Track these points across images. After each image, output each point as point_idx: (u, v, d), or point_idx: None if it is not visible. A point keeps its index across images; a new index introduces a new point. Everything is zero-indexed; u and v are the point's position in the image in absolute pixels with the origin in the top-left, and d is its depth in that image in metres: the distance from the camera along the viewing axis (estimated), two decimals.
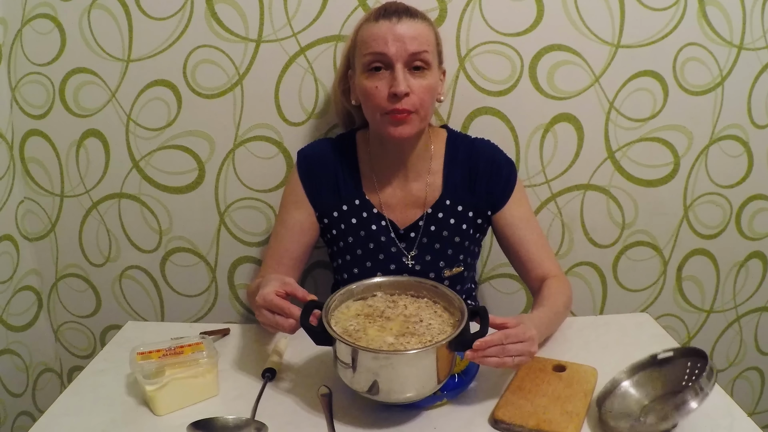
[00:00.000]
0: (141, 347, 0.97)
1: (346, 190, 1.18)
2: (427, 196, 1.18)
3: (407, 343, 0.90)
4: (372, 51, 1.05)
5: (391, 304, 1.00)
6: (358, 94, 1.13)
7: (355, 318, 0.96)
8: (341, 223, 1.18)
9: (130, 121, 1.39)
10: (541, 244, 1.20)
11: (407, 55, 1.04)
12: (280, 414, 0.91)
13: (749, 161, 1.45)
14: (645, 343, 1.02)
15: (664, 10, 1.32)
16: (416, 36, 1.05)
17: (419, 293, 1.02)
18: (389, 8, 1.08)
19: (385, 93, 1.05)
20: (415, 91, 1.05)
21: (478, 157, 1.18)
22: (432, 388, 0.89)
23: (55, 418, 0.92)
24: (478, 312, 0.91)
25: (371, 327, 0.94)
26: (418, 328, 0.93)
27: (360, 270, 1.18)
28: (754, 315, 1.59)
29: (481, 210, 1.19)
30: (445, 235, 1.17)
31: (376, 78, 1.06)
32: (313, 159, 1.20)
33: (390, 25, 1.04)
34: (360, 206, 1.18)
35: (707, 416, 0.89)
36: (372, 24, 1.07)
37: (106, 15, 1.32)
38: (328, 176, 1.19)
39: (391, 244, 1.17)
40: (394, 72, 1.04)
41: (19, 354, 1.48)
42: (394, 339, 0.91)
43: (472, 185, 1.18)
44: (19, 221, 1.46)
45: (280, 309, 0.93)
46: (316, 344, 0.91)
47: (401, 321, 0.95)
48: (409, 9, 1.08)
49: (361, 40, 1.08)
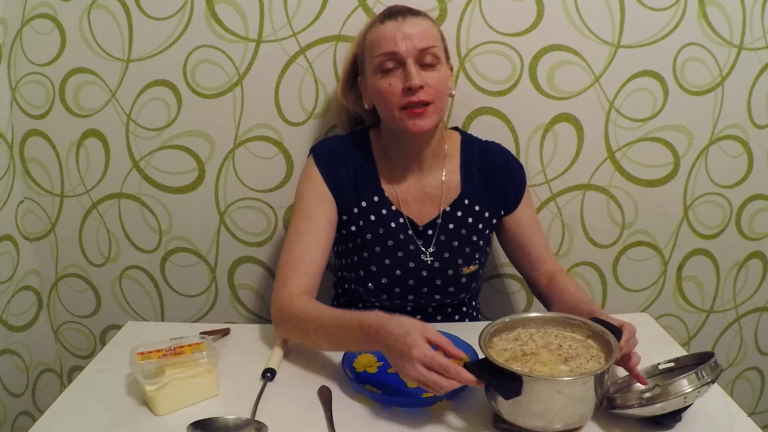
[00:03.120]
0: (141, 347, 0.97)
1: (365, 186, 1.18)
2: (443, 194, 1.19)
3: (577, 367, 0.86)
4: (382, 52, 1.07)
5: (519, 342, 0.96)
6: (371, 97, 1.13)
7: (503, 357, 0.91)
8: (360, 220, 1.18)
9: (130, 121, 1.39)
10: (546, 241, 1.27)
11: (417, 51, 1.06)
12: (280, 414, 0.91)
13: (749, 161, 1.45)
14: (645, 343, 1.02)
15: (664, 10, 1.32)
16: (423, 32, 1.07)
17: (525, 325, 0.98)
18: (393, 10, 1.11)
19: (400, 89, 1.07)
20: (428, 83, 1.07)
21: (493, 160, 1.22)
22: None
23: (55, 418, 0.92)
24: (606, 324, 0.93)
25: (529, 361, 0.89)
26: (568, 351, 0.91)
27: (378, 267, 1.17)
28: (754, 315, 1.59)
29: (495, 211, 1.22)
30: (463, 233, 1.19)
31: (388, 77, 1.07)
32: (332, 155, 1.18)
33: (397, 25, 1.07)
34: (379, 203, 1.18)
35: (707, 416, 0.89)
36: (378, 26, 1.09)
37: (106, 15, 1.32)
38: (347, 172, 1.18)
39: (409, 241, 1.18)
40: (406, 68, 1.06)
41: (19, 354, 1.48)
42: (564, 365, 0.87)
43: (488, 187, 1.21)
44: (19, 221, 1.46)
45: (445, 370, 0.82)
46: (506, 399, 0.82)
47: (545, 351, 0.91)
48: (412, 9, 1.11)
49: (370, 43, 1.10)
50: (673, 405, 0.83)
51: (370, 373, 1.02)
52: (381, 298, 1.19)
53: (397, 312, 1.21)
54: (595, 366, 0.87)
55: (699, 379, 0.82)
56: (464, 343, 1.06)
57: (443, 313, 1.25)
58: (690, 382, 0.82)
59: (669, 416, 0.85)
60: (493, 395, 0.85)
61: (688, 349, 1.47)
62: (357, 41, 1.17)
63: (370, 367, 1.03)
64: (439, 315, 1.25)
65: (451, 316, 1.26)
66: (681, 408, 0.85)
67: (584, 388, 0.82)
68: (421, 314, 1.23)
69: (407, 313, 1.22)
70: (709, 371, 0.83)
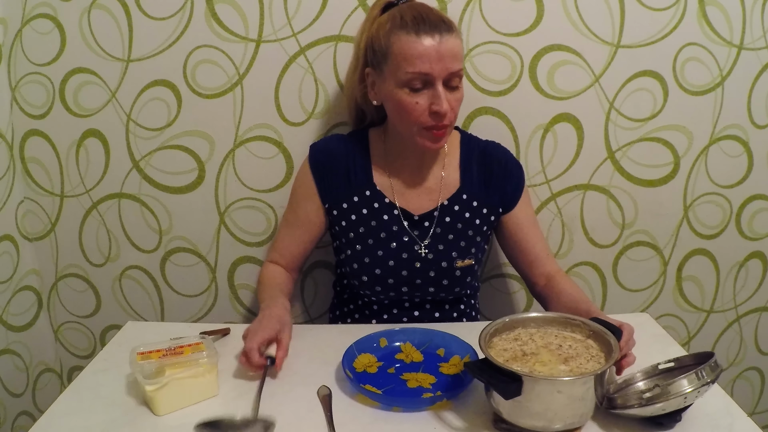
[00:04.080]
0: (141, 347, 0.97)
1: (357, 181, 1.20)
2: (442, 188, 1.21)
3: (576, 367, 0.86)
4: (416, 71, 1.04)
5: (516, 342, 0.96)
6: (385, 99, 1.12)
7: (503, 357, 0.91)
8: (351, 214, 1.20)
9: (130, 121, 1.39)
10: (544, 242, 1.27)
11: (447, 74, 1.05)
12: (280, 414, 0.91)
13: (749, 161, 1.45)
14: (645, 343, 1.02)
15: (664, 10, 1.32)
16: (455, 55, 1.06)
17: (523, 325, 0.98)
18: (428, 20, 1.05)
19: (425, 109, 1.06)
20: (453, 106, 1.08)
21: (492, 159, 1.23)
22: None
23: (55, 418, 0.92)
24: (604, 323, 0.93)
25: (529, 361, 0.89)
26: (568, 351, 0.91)
27: (371, 260, 1.18)
28: (754, 315, 1.59)
29: (494, 208, 1.23)
30: (459, 227, 1.20)
31: (416, 95, 1.06)
32: (325, 152, 1.22)
33: (433, 44, 1.03)
34: (371, 197, 1.20)
35: (707, 416, 0.89)
36: (413, 38, 1.04)
37: (106, 15, 1.32)
38: (339, 169, 1.21)
39: (403, 233, 1.19)
40: (435, 90, 1.05)
41: (19, 354, 1.48)
42: (564, 365, 0.87)
43: (487, 184, 1.22)
44: (19, 221, 1.46)
45: (249, 364, 0.99)
46: (506, 399, 0.82)
47: (545, 351, 0.91)
48: (445, 21, 1.06)
49: (400, 52, 1.05)
50: (673, 405, 0.83)
51: (370, 373, 1.02)
52: (375, 290, 1.20)
53: (395, 307, 1.22)
54: (595, 366, 0.87)
55: (699, 379, 0.82)
56: (464, 343, 1.06)
57: (440, 309, 1.25)
58: (690, 382, 0.82)
59: (669, 416, 0.85)
60: (493, 395, 0.85)
61: (688, 349, 1.47)
62: (373, 29, 1.11)
63: (370, 367, 1.03)
64: (437, 312, 1.24)
65: (449, 314, 1.25)
66: (681, 408, 0.85)
67: (584, 388, 0.82)
68: (418, 311, 1.23)
69: (405, 308, 1.23)
70: (709, 371, 0.83)
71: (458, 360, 1.04)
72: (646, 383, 0.94)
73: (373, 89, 1.15)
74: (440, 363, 1.04)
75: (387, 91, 1.10)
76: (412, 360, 1.06)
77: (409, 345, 1.09)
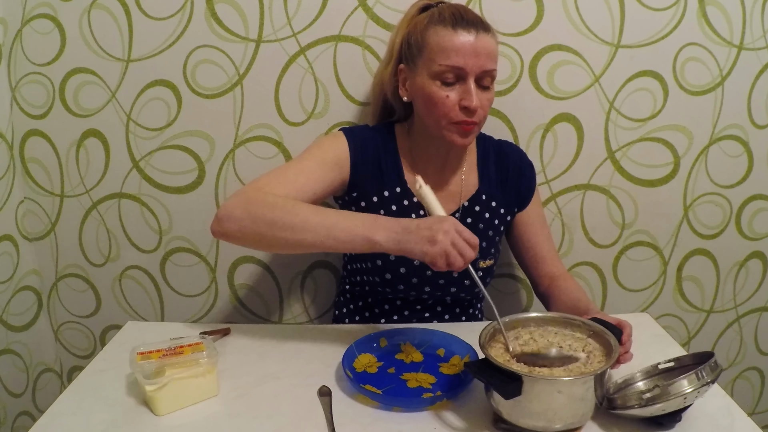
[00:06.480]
0: (141, 347, 0.97)
1: (389, 176, 1.19)
2: (462, 190, 1.21)
3: (577, 367, 0.87)
4: (450, 64, 1.04)
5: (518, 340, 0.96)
6: (416, 94, 1.11)
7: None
8: (380, 209, 1.18)
9: (130, 121, 1.39)
10: (552, 243, 1.28)
11: (481, 71, 1.05)
12: (280, 414, 0.91)
13: (749, 161, 1.45)
14: (645, 343, 1.02)
15: (664, 10, 1.32)
16: (490, 54, 1.06)
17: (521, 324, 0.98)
18: (466, 17, 1.06)
19: (456, 103, 1.06)
20: (483, 104, 1.07)
21: (507, 158, 1.25)
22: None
23: (55, 418, 0.92)
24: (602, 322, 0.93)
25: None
26: (567, 351, 0.91)
27: (397, 257, 1.15)
28: (754, 315, 1.59)
29: (510, 207, 1.24)
30: (480, 227, 1.20)
31: (447, 89, 1.06)
32: (361, 139, 1.18)
33: (470, 39, 1.04)
34: (401, 194, 1.19)
35: (707, 416, 0.89)
36: (450, 32, 1.04)
37: (106, 15, 1.32)
38: (373, 159, 1.18)
39: None
40: (466, 85, 1.05)
41: (19, 354, 1.48)
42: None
43: (503, 184, 1.23)
44: (19, 221, 1.46)
45: (472, 243, 0.93)
46: (506, 399, 0.82)
47: (545, 351, 0.92)
48: (483, 21, 1.08)
49: (436, 45, 1.05)
50: (673, 405, 0.83)
51: (370, 373, 1.02)
52: (398, 288, 1.19)
53: (407, 308, 1.23)
54: (595, 366, 0.87)
55: (699, 380, 0.82)
56: (464, 343, 1.06)
57: (461, 305, 1.26)
58: (690, 383, 0.82)
59: (669, 416, 0.85)
60: (493, 395, 0.85)
61: (688, 349, 1.47)
62: (411, 26, 1.11)
63: (370, 367, 1.04)
64: (447, 314, 1.25)
65: (458, 318, 1.27)
66: (681, 408, 0.85)
67: (584, 388, 0.82)
68: (429, 312, 1.24)
69: (416, 310, 1.24)
70: (709, 371, 0.83)
71: (458, 360, 1.04)
72: (646, 383, 0.94)
73: (404, 85, 1.14)
74: (440, 363, 1.05)
75: (419, 85, 1.09)
76: (412, 360, 1.06)
77: (409, 345, 1.09)
